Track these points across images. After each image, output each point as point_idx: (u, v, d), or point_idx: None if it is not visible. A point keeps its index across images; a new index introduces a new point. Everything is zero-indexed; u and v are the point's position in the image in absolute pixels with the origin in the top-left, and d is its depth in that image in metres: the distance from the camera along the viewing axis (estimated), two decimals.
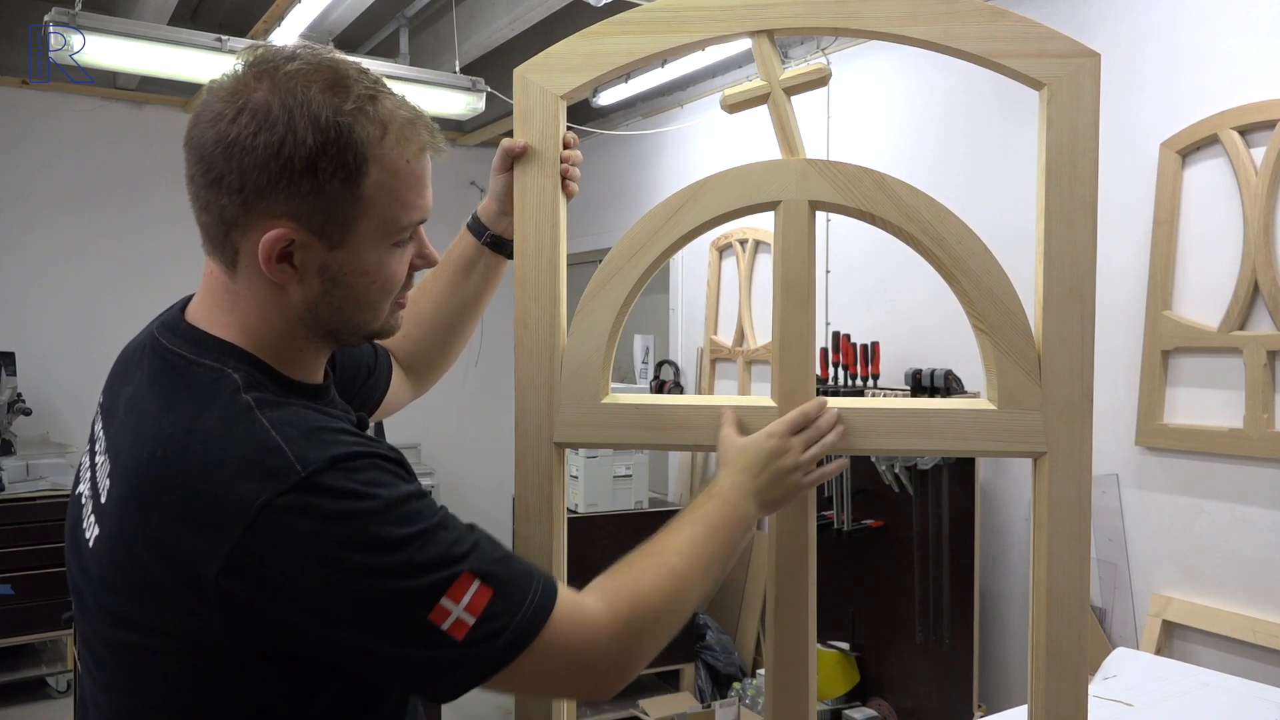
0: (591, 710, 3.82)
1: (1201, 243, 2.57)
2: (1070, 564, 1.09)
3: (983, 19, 1.10)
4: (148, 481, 0.82)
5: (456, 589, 0.81)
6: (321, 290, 0.88)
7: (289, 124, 0.82)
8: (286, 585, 0.78)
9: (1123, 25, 2.74)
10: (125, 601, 0.84)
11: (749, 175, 1.16)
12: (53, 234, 4.67)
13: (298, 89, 0.83)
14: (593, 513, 3.78)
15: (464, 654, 0.81)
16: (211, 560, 0.78)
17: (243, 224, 0.85)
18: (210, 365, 0.87)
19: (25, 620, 3.96)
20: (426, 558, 0.81)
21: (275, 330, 0.90)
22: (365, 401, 1.20)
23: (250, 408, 0.83)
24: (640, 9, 1.17)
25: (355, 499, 0.80)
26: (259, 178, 0.82)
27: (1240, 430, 2.46)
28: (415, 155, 0.89)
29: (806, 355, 1.16)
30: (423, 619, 0.80)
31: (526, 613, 0.84)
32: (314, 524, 0.78)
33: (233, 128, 0.82)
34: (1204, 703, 2.08)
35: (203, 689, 0.83)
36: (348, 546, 0.78)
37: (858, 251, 3.61)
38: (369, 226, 0.87)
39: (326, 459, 0.80)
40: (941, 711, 3.06)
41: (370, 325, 0.94)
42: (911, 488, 3.11)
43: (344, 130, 0.83)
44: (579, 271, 4.64)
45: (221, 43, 3.28)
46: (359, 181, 0.85)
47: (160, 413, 0.85)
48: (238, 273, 0.88)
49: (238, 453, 0.80)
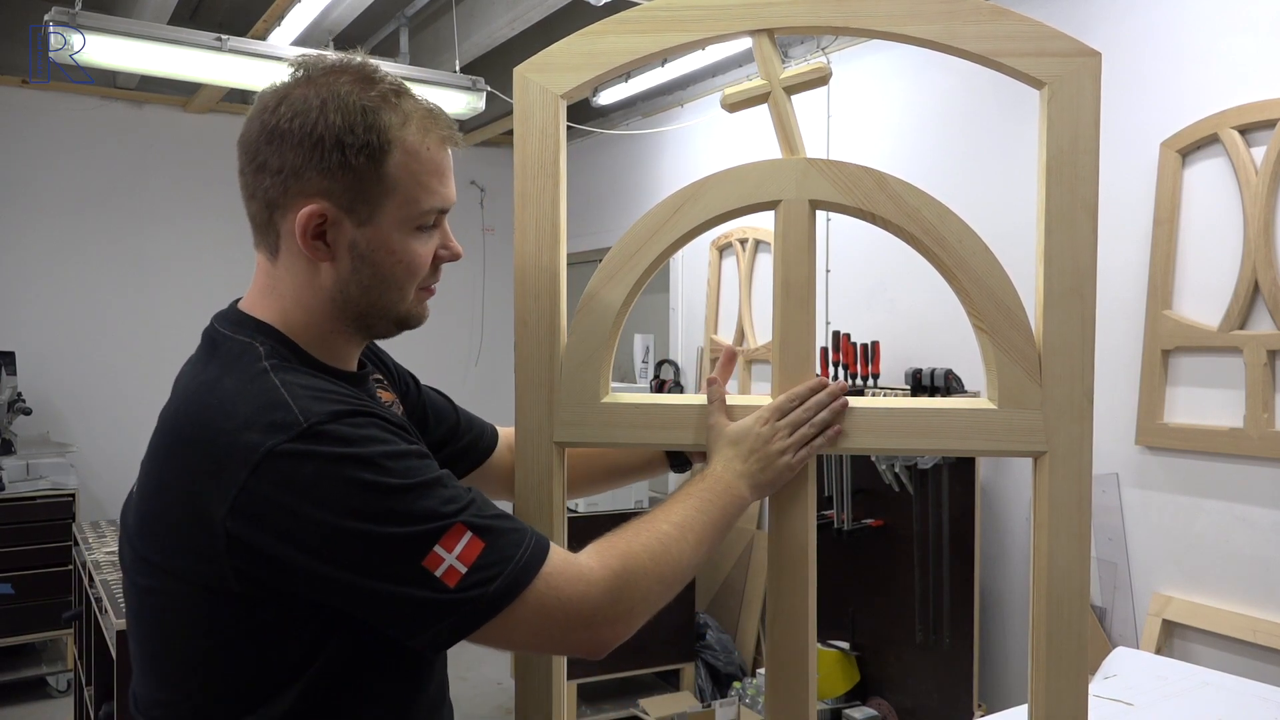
0: (591, 709, 3.82)
1: (1202, 242, 2.57)
2: (1070, 563, 1.09)
3: (983, 18, 1.10)
4: (169, 433, 0.92)
5: (450, 538, 0.86)
6: (352, 268, 0.96)
7: (321, 109, 0.92)
8: (289, 526, 0.84)
9: (1123, 25, 2.74)
10: (150, 547, 0.92)
11: (749, 174, 1.16)
12: (52, 233, 4.67)
13: (330, 82, 0.94)
14: (593, 512, 3.78)
15: (456, 598, 0.86)
16: (220, 503, 0.85)
17: (282, 204, 0.94)
18: (241, 340, 0.96)
19: (25, 620, 3.97)
20: (422, 506, 0.87)
21: (308, 311, 0.98)
22: (457, 459, 1.27)
23: (265, 371, 0.91)
24: (640, 8, 1.17)
25: (355, 444, 0.86)
26: (295, 158, 0.92)
27: (1240, 430, 2.46)
28: (436, 144, 0.97)
29: (807, 354, 1.16)
30: (417, 564, 0.85)
31: (519, 563, 0.89)
32: (316, 466, 0.84)
33: (273, 117, 0.93)
34: (1204, 702, 2.08)
35: (217, 634, 0.89)
36: (347, 488, 0.85)
37: (858, 251, 3.61)
38: (393, 206, 0.95)
39: (329, 413, 0.87)
40: (941, 711, 3.06)
41: (397, 307, 1.00)
42: (911, 487, 3.11)
43: (369, 113, 0.93)
44: (579, 271, 4.64)
45: (221, 42, 3.27)
46: (383, 161, 0.93)
47: (191, 377, 0.96)
48: (279, 258, 0.98)
49: (248, 407, 0.87)
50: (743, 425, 1.13)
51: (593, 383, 1.17)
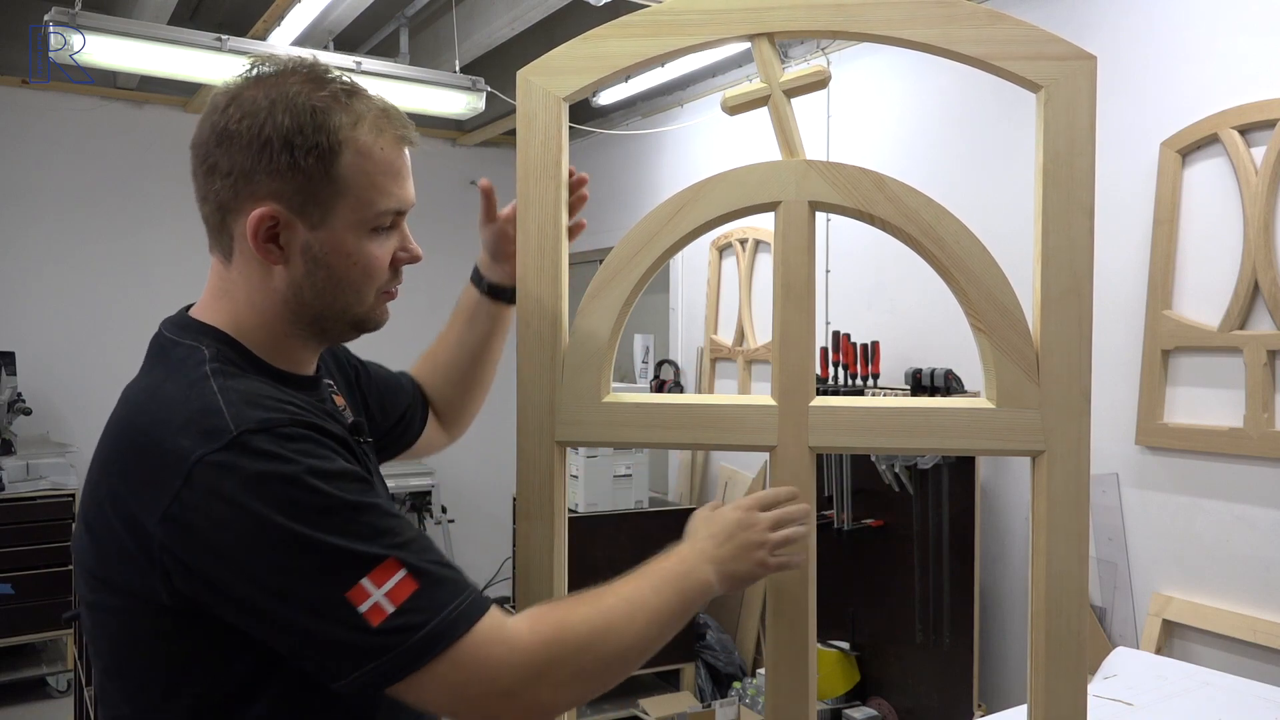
0: (591, 709, 3.82)
1: (1202, 242, 2.58)
2: (1069, 563, 1.09)
3: (980, 22, 1.10)
4: (110, 437, 0.90)
5: (380, 573, 0.81)
6: (305, 271, 0.93)
7: (269, 110, 0.90)
8: (213, 540, 0.81)
9: (1123, 25, 2.74)
10: (94, 559, 0.89)
11: (749, 176, 1.16)
12: (52, 233, 4.67)
13: (280, 83, 0.92)
14: (593, 512, 3.78)
15: (376, 642, 0.80)
16: (152, 512, 0.82)
17: (234, 207, 0.92)
18: (188, 344, 0.93)
19: (25, 620, 3.97)
20: (353, 532, 0.82)
21: (261, 314, 0.95)
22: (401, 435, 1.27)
23: (206, 377, 0.88)
24: (642, 12, 1.18)
25: (280, 462, 0.82)
26: (244, 160, 0.90)
27: (1240, 429, 2.46)
28: (390, 145, 0.95)
29: (806, 355, 1.16)
30: (339, 595, 0.80)
31: (449, 616, 0.83)
32: (238, 482, 0.81)
33: (223, 118, 0.91)
34: (1204, 702, 2.08)
35: (155, 651, 0.86)
36: (270, 507, 0.80)
37: (858, 251, 3.61)
38: (346, 208, 0.93)
39: (259, 420, 0.84)
40: (941, 711, 3.07)
41: (354, 310, 0.97)
42: (911, 487, 3.11)
43: (318, 113, 0.91)
44: (579, 271, 4.64)
45: (221, 42, 3.28)
46: (333, 162, 0.91)
47: (134, 385, 0.94)
48: (232, 261, 0.95)
49: (184, 413, 0.85)
50: (722, 511, 1.09)
51: (593, 382, 1.17)
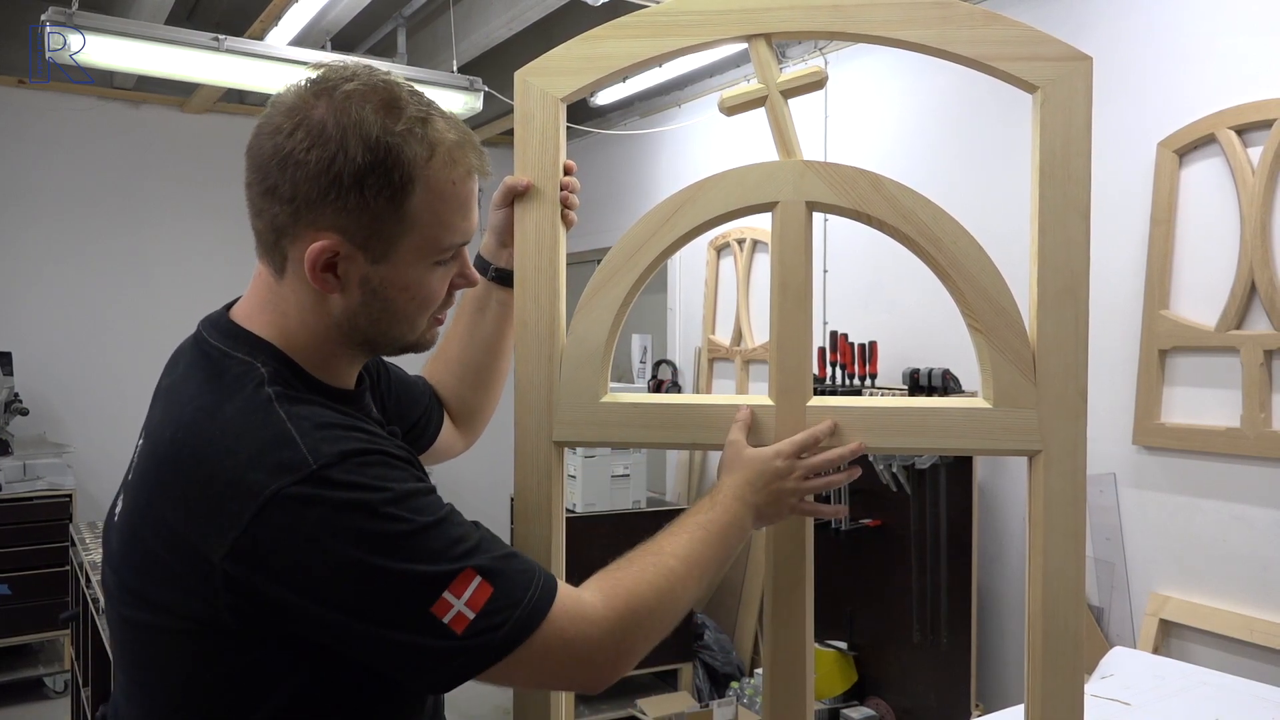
0: (589, 709, 3.82)
1: (1199, 242, 2.58)
2: (1066, 562, 1.10)
3: (976, 23, 1.11)
4: (165, 461, 0.87)
5: (458, 584, 0.84)
6: (362, 301, 0.92)
7: (341, 141, 0.86)
8: (294, 572, 0.81)
9: (1120, 25, 2.75)
10: (137, 578, 0.88)
11: (747, 176, 1.16)
12: (50, 233, 4.66)
13: (352, 108, 0.87)
14: (591, 512, 3.78)
15: (463, 644, 0.84)
16: (218, 545, 0.81)
17: (292, 233, 0.89)
18: (241, 359, 0.90)
19: (23, 620, 3.97)
20: (431, 552, 0.84)
21: (312, 334, 0.93)
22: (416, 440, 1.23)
23: (270, 401, 0.86)
24: (639, 13, 1.18)
25: (364, 491, 0.83)
26: (309, 190, 0.86)
27: (1237, 429, 2.47)
28: (461, 178, 0.93)
29: (804, 355, 1.16)
30: (425, 611, 0.83)
31: (526, 608, 0.86)
32: (322, 513, 0.81)
33: (289, 142, 0.86)
34: (1201, 701, 2.08)
35: (211, 670, 0.86)
36: (355, 537, 0.81)
37: (855, 251, 3.61)
38: (411, 245, 0.91)
39: (338, 453, 0.83)
40: (939, 711, 3.07)
41: (406, 338, 0.97)
42: (909, 487, 3.11)
43: (393, 149, 0.87)
44: (578, 271, 4.65)
45: (218, 42, 3.27)
46: (404, 200, 0.88)
47: (187, 399, 0.89)
48: (284, 277, 0.92)
49: (253, 443, 0.83)
50: (762, 455, 1.11)
51: (592, 383, 1.17)
